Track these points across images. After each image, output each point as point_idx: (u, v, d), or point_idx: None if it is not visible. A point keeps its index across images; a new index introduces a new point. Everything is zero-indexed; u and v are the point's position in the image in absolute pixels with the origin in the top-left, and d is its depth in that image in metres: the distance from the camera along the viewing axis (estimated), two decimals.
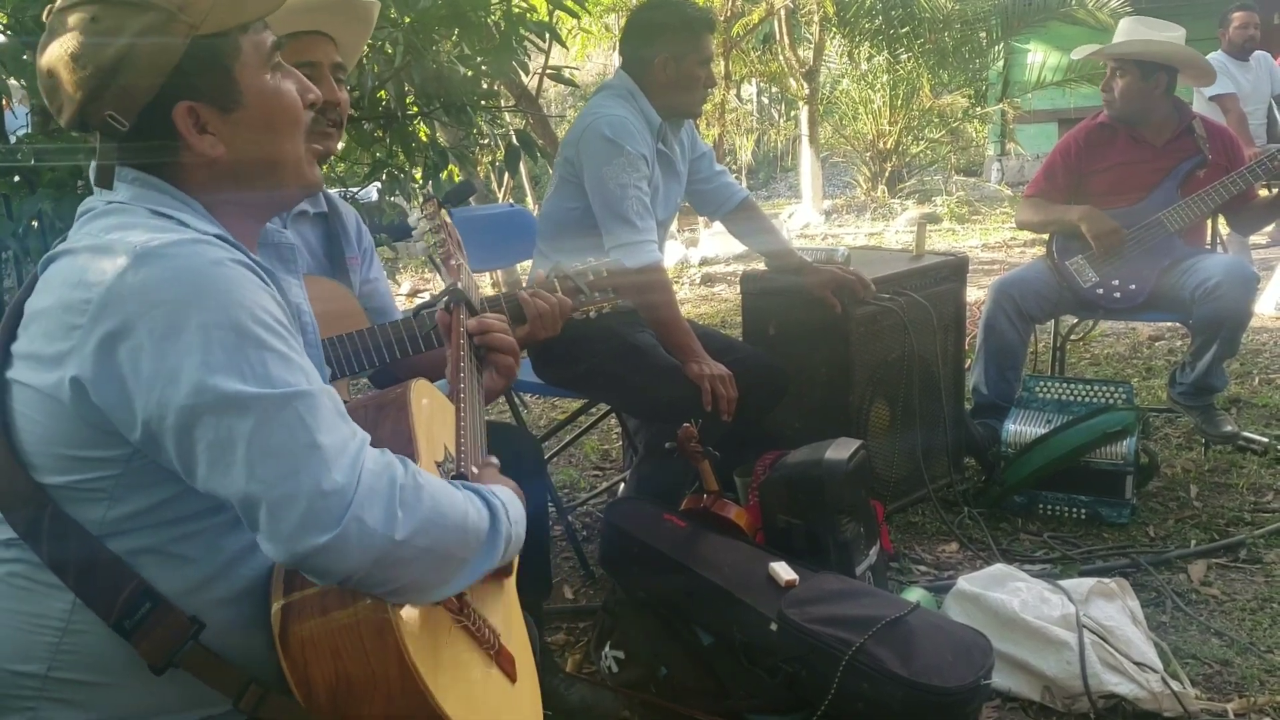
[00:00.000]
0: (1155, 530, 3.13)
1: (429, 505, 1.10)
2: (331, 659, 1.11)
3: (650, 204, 2.72)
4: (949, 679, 2.10)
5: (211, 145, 1.19)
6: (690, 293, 7.45)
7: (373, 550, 1.04)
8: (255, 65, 1.21)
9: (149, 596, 1.13)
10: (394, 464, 1.10)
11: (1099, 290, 3.58)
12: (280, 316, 1.12)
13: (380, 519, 1.04)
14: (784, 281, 3.18)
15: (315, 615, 1.11)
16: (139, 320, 1.05)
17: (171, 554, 1.15)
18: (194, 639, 1.14)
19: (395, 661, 1.10)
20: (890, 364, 3.25)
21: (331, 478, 1.03)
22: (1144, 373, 4.68)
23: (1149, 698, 2.21)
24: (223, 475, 1.05)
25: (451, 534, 1.12)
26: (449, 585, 1.15)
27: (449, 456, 1.39)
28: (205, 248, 1.11)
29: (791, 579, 2.33)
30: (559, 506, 3.04)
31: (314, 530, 1.02)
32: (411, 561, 1.07)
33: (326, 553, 1.02)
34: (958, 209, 10.75)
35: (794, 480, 2.60)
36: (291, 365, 1.09)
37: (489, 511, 1.20)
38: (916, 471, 3.33)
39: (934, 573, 2.95)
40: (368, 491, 1.05)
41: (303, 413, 1.05)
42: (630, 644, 2.40)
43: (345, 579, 1.06)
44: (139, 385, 1.05)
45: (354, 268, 2.23)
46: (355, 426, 1.11)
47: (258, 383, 1.05)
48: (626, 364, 2.73)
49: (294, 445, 1.04)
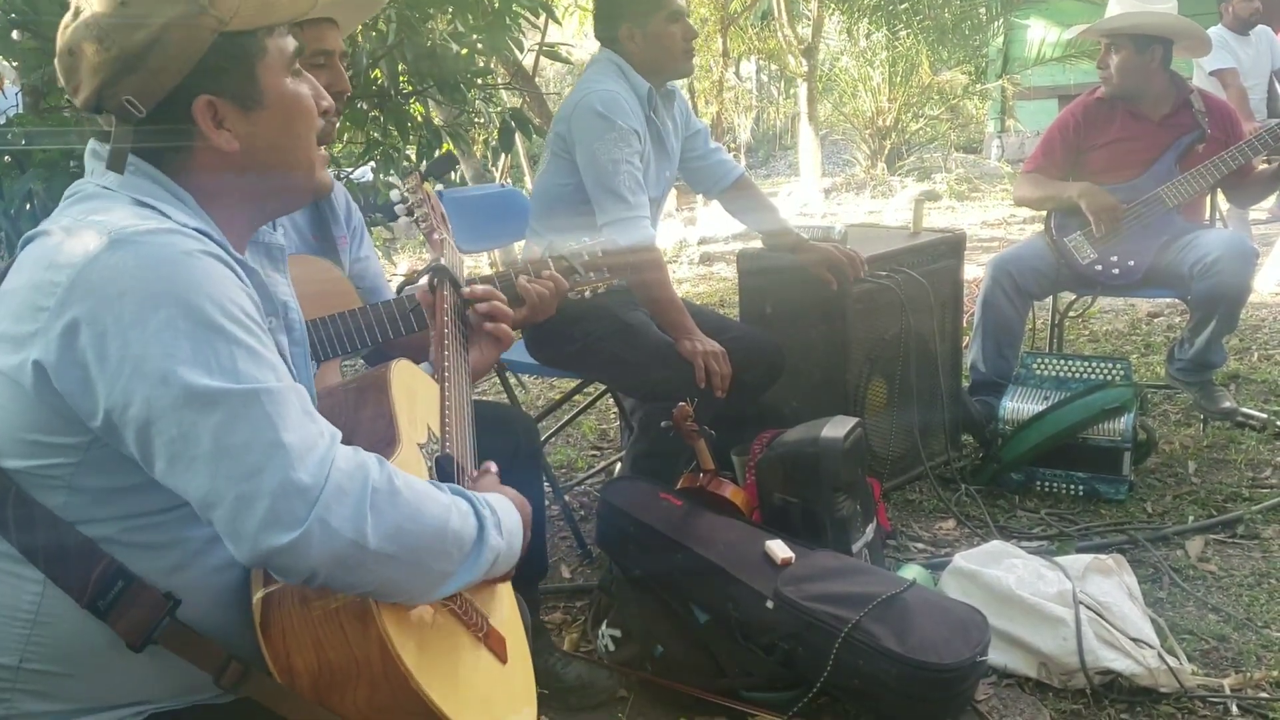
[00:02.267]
0: (1153, 507, 3.13)
1: (404, 511, 1.08)
2: (313, 648, 1.10)
3: (642, 180, 2.71)
4: (945, 656, 2.10)
5: (227, 141, 1.18)
6: (689, 271, 7.44)
7: (337, 552, 1.02)
8: (278, 67, 1.21)
9: (121, 575, 1.11)
10: (368, 465, 1.08)
11: (1097, 266, 3.56)
12: (251, 312, 1.10)
13: (347, 521, 1.03)
14: (781, 260, 3.16)
15: (296, 604, 1.11)
16: (105, 307, 1.03)
17: (137, 543, 1.13)
18: (171, 615, 1.12)
19: (377, 648, 1.10)
20: (887, 342, 3.24)
21: (297, 475, 1.01)
22: (1142, 349, 4.67)
23: (1145, 674, 2.21)
24: (184, 471, 1.03)
25: (427, 541, 1.10)
26: (426, 593, 1.13)
27: (432, 437, 1.38)
28: (179, 238, 1.09)
29: (787, 557, 2.33)
30: (555, 486, 3.04)
31: (276, 529, 1.00)
32: (380, 566, 1.06)
33: (289, 552, 1.01)
34: (957, 186, 10.73)
35: (790, 458, 2.59)
36: (259, 361, 1.07)
37: (476, 521, 1.17)
38: (914, 449, 3.33)
39: (931, 550, 2.95)
40: (336, 491, 1.03)
41: (268, 410, 1.04)
42: (627, 622, 2.40)
43: (309, 578, 1.04)
44: (102, 373, 1.04)
45: (344, 248, 2.22)
46: (325, 425, 1.09)
47: (223, 377, 1.03)
48: (620, 342, 2.72)
49: (258, 443, 1.02)
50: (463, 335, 1.58)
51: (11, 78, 3.29)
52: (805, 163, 11.58)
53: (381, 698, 1.11)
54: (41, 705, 1.14)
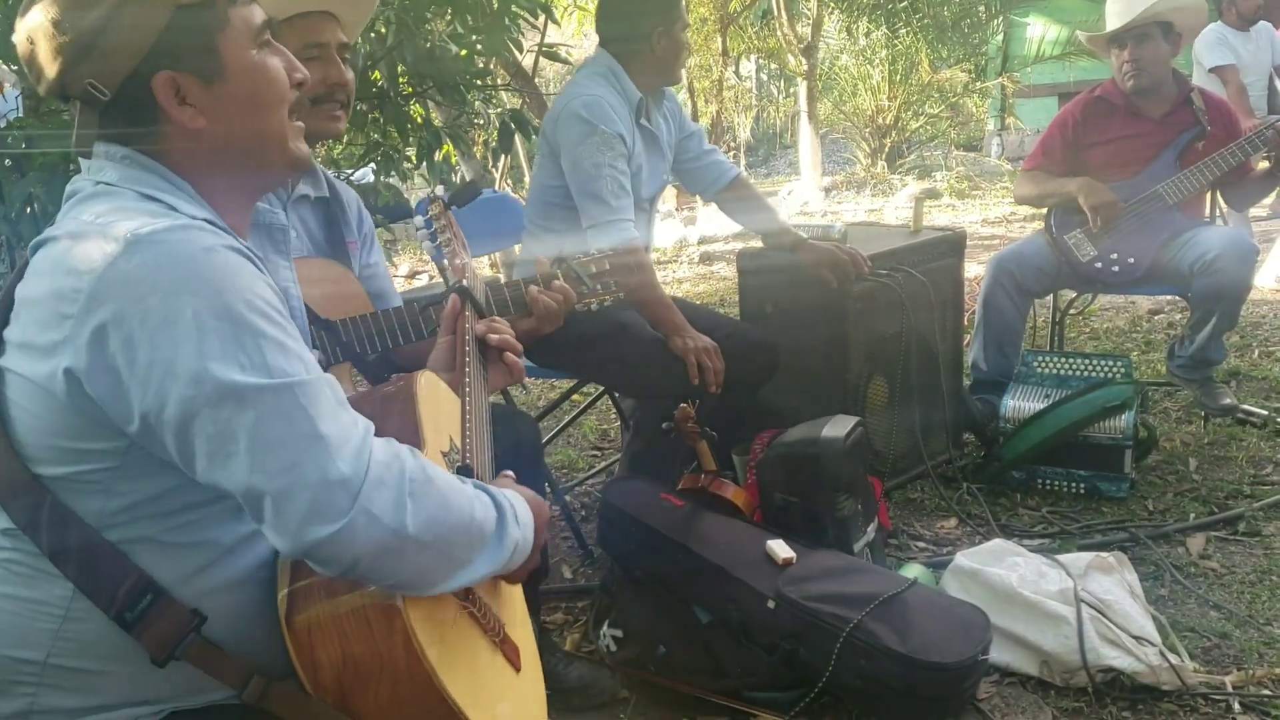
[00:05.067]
0: (1154, 504, 3.13)
1: (437, 499, 1.09)
2: (339, 642, 1.11)
3: (632, 182, 2.72)
4: (946, 655, 2.10)
5: (191, 117, 1.17)
6: (689, 271, 7.44)
7: (379, 541, 1.03)
8: (242, 39, 1.19)
9: (151, 589, 1.12)
10: (403, 454, 1.09)
11: (1097, 264, 3.56)
12: (275, 302, 1.10)
13: (389, 510, 1.04)
14: (780, 259, 3.17)
15: (322, 599, 1.11)
16: (131, 310, 1.03)
17: (168, 543, 1.14)
18: (196, 631, 1.13)
19: (402, 645, 1.10)
20: (888, 340, 3.24)
21: (337, 467, 1.02)
22: (1144, 346, 4.67)
23: (1147, 671, 2.21)
24: (223, 468, 1.04)
25: (457, 530, 1.11)
26: (450, 581, 1.13)
27: (454, 447, 1.39)
28: (197, 234, 1.09)
29: (789, 557, 2.33)
30: (554, 487, 3.04)
31: (321, 521, 1.01)
32: (417, 554, 1.07)
33: (334, 543, 1.01)
34: (958, 184, 10.72)
35: (791, 458, 2.60)
36: (289, 354, 1.07)
37: (496, 512, 1.19)
38: (915, 448, 3.33)
39: (933, 549, 2.95)
40: (376, 482, 1.04)
41: (304, 402, 1.04)
42: (628, 623, 2.40)
43: (350, 569, 1.05)
44: (134, 377, 1.04)
45: (354, 252, 2.22)
46: (357, 415, 1.10)
47: (256, 372, 1.03)
48: (613, 342, 2.72)
49: (296, 436, 1.03)
50: (480, 354, 1.59)
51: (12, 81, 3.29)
52: (805, 161, 11.57)
53: (404, 694, 1.11)
54: (65, 700, 1.14)
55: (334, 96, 1.99)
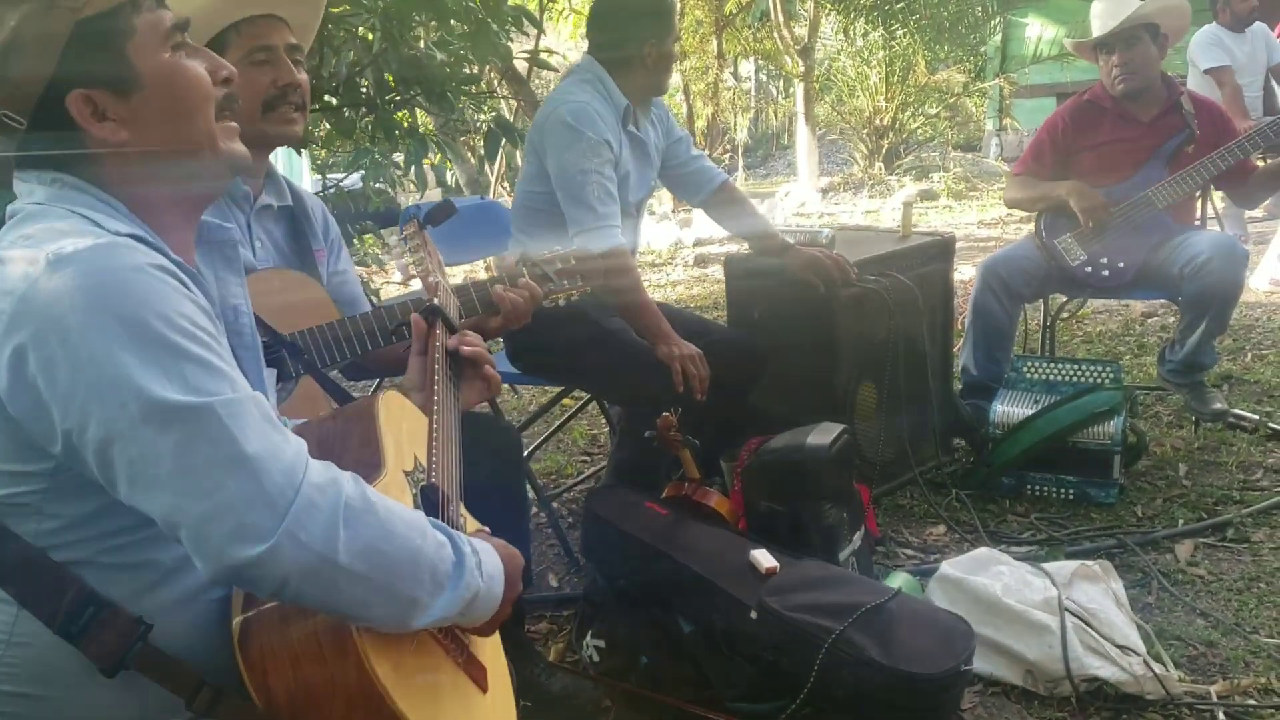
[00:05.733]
0: (1143, 510, 3.12)
1: (377, 530, 1.06)
2: (291, 666, 1.10)
3: (619, 188, 2.71)
4: (929, 665, 2.09)
5: (113, 131, 1.14)
6: (683, 274, 7.44)
7: (306, 566, 1.01)
8: (152, 45, 1.15)
9: (92, 600, 1.11)
10: (340, 480, 1.06)
11: (1087, 269, 3.55)
12: (201, 322, 1.08)
13: (319, 536, 1.01)
14: (768, 265, 3.16)
15: (276, 625, 1.11)
16: (51, 330, 1.01)
17: (108, 564, 1.13)
18: (143, 640, 1.11)
19: (355, 669, 1.09)
20: (877, 346, 3.22)
21: (262, 488, 1.00)
22: (1136, 350, 4.65)
23: (1131, 681, 2.20)
24: (145, 491, 1.02)
25: (400, 565, 1.08)
26: (399, 621, 1.10)
27: (419, 466, 1.38)
28: (122, 251, 1.06)
29: (772, 566, 2.32)
30: (540, 495, 3.03)
31: (244, 543, 0.99)
32: (350, 584, 1.04)
33: (259, 565, 0.99)
34: (955, 185, 10.70)
35: (776, 466, 2.59)
36: (214, 373, 1.05)
37: (454, 555, 1.14)
38: (904, 454, 3.31)
39: (920, 556, 2.94)
40: (306, 504, 1.01)
41: (227, 422, 1.02)
42: (611, 633, 2.39)
43: (278, 592, 1.03)
44: (55, 398, 1.02)
45: (321, 260, 2.22)
46: (289, 435, 1.08)
47: (178, 392, 1.01)
48: (597, 349, 2.72)
49: (219, 457, 1.00)
50: (453, 372, 1.58)
51: None
52: (802, 162, 11.57)
53: (357, 717, 1.10)
54: None
55: (287, 98, 1.98)
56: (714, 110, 10.96)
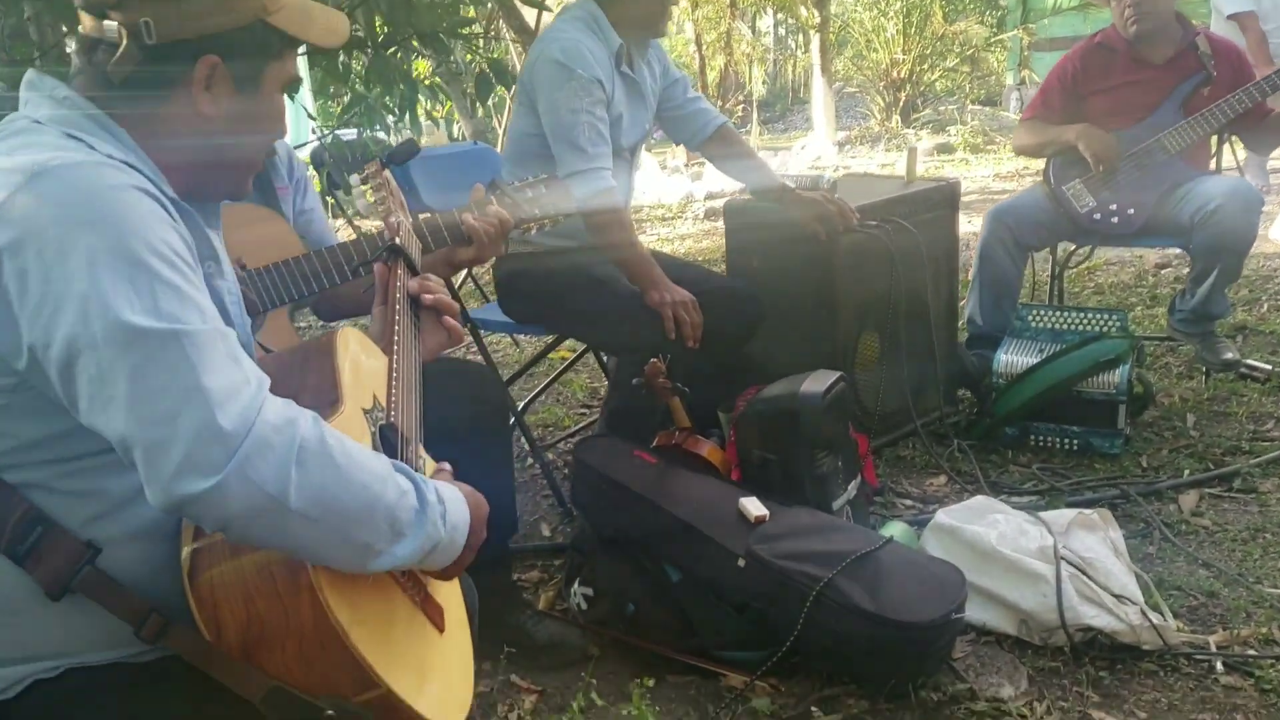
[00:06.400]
0: (1148, 461, 3.06)
1: (333, 474, 1.03)
2: (243, 601, 1.07)
3: (611, 130, 2.64)
4: (918, 614, 2.05)
5: (208, 102, 1.19)
6: (692, 227, 7.36)
7: (254, 505, 0.98)
8: (278, 79, 1.26)
9: (40, 521, 1.10)
10: (299, 420, 1.03)
11: (1096, 215, 3.47)
12: (180, 250, 1.07)
13: (269, 476, 0.98)
14: (767, 212, 3.09)
15: (227, 558, 1.08)
16: (28, 241, 1.01)
17: (59, 490, 1.11)
18: (90, 563, 1.10)
19: (309, 604, 1.06)
20: (878, 295, 3.16)
21: (216, 422, 0.97)
22: (1148, 301, 4.56)
23: (1127, 630, 2.15)
24: (102, 412, 1.00)
25: (355, 511, 1.04)
26: (350, 565, 1.07)
27: (377, 405, 1.34)
28: (106, 170, 1.06)
29: (761, 515, 2.28)
30: (533, 445, 2.99)
31: (192, 476, 0.96)
32: (302, 527, 1.01)
33: (204, 501, 0.97)
34: (972, 139, 10.54)
35: (768, 414, 2.54)
36: (185, 300, 1.03)
37: (416, 503, 1.11)
38: (905, 405, 3.26)
39: (919, 506, 2.89)
40: (259, 443, 0.98)
41: (190, 351, 1.00)
42: (598, 581, 2.36)
43: (223, 528, 1.01)
44: (25, 309, 1.01)
45: (285, 198, 2.19)
46: (253, 372, 1.05)
47: (146, 315, 1.00)
48: (588, 296, 2.67)
49: (176, 386, 0.98)
50: (414, 314, 1.54)
51: None
52: (819, 116, 11.41)
53: (311, 653, 1.07)
54: None
55: None
56: (727, 61, 10.79)
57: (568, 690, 2.16)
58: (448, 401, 2.20)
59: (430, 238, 1.90)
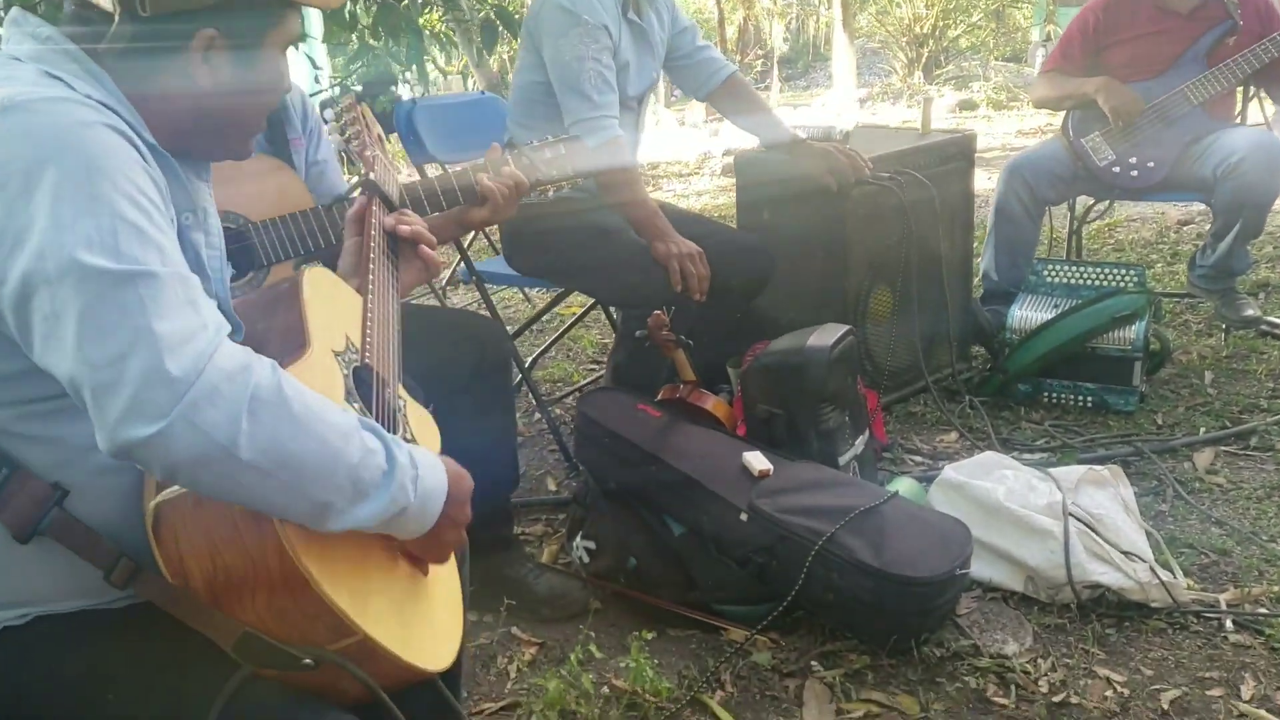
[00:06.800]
0: (1164, 418, 3.01)
1: (289, 426, 0.99)
2: (208, 551, 1.04)
3: (618, 79, 2.59)
4: (921, 569, 2.02)
5: (205, 75, 1.17)
6: (709, 183, 7.30)
7: (202, 454, 0.95)
8: (280, 41, 1.23)
9: (6, 462, 1.08)
10: (253, 367, 0.99)
11: (1115, 169, 3.40)
12: (148, 191, 1.04)
13: (218, 424, 0.95)
14: (778, 163, 3.04)
15: (190, 511, 1.05)
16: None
17: (19, 434, 1.09)
18: (58, 505, 1.08)
19: (276, 555, 1.03)
20: (892, 248, 3.11)
21: (164, 367, 0.94)
22: (1169, 258, 4.48)
23: (1135, 588, 2.12)
24: (54, 352, 0.97)
25: (313, 466, 1.00)
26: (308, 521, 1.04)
27: (351, 347, 1.31)
28: (77, 107, 1.03)
29: (765, 469, 2.25)
30: (539, 399, 2.97)
31: (137, 421, 0.93)
32: (255, 480, 0.98)
33: (149, 446, 0.94)
34: (995, 95, 10.39)
35: (774, 368, 2.50)
36: (146, 242, 1.00)
37: (385, 463, 1.07)
38: (917, 360, 3.21)
39: (929, 463, 2.86)
40: (208, 390, 0.95)
41: (143, 294, 0.97)
42: (600, 535, 2.34)
43: (169, 475, 0.98)
44: None
45: (298, 150, 2.14)
46: (211, 318, 1.02)
47: (103, 255, 0.97)
48: (593, 248, 2.63)
49: (126, 327, 0.95)
50: (391, 251, 1.50)
51: None
52: (840, 72, 11.27)
53: (282, 602, 1.05)
54: None
55: None
56: (746, 15, 10.65)
57: (568, 643, 2.15)
58: (449, 351, 2.18)
59: (443, 197, 1.85)
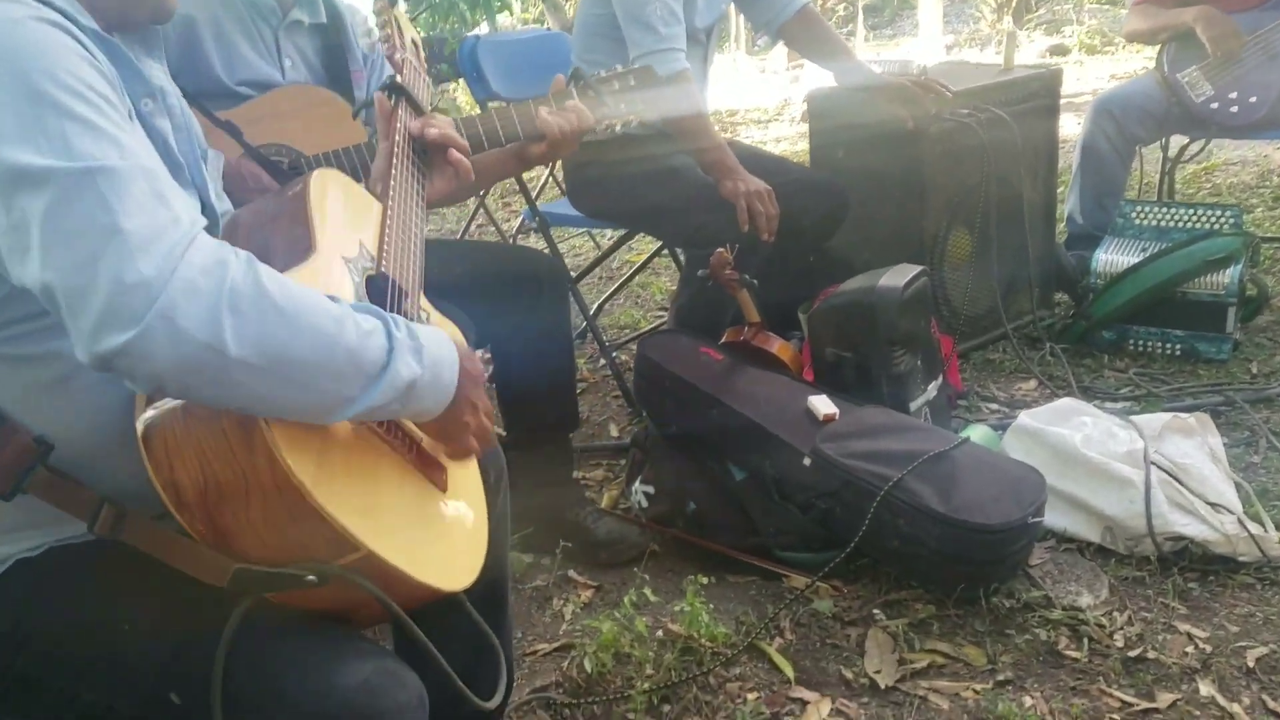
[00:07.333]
0: (1259, 367, 2.85)
1: (276, 317, 0.94)
2: (198, 462, 1.00)
3: (685, 11, 2.50)
4: (992, 516, 1.94)
5: None
6: (789, 129, 7.16)
7: (187, 357, 0.90)
8: None
9: None
10: (230, 261, 0.94)
11: (1214, 104, 3.21)
12: (95, 84, 0.98)
13: (198, 322, 0.90)
14: (853, 99, 2.93)
15: (179, 421, 1.00)
16: None
17: (6, 355, 1.06)
18: (42, 461, 1.05)
19: (267, 463, 0.98)
20: (971, 189, 2.98)
21: (135, 268, 0.89)
22: (1270, 202, 4.25)
23: (1222, 540, 2.01)
24: (21, 264, 0.93)
25: (310, 355, 0.96)
26: (321, 415, 1.00)
27: (364, 253, 1.25)
28: (4, 4, 0.98)
29: (830, 413, 2.18)
30: (602, 344, 2.92)
31: (113, 328, 0.89)
32: (246, 379, 0.93)
33: (128, 354, 0.89)
34: (1089, 40, 10.00)
35: (844, 309, 2.42)
36: (100, 136, 0.95)
37: (385, 342, 1.02)
38: (996, 306, 3.09)
39: (1005, 411, 2.75)
40: (185, 287, 0.90)
41: (105, 191, 0.91)
42: (659, 479, 2.30)
43: (154, 384, 0.93)
44: None
45: (359, 83, 2.10)
46: (184, 211, 0.96)
47: (54, 155, 0.92)
48: (659, 187, 2.55)
49: (92, 229, 0.90)
50: (418, 158, 1.45)
51: None
52: (927, 18, 10.95)
53: (277, 514, 1.00)
54: None
55: None
56: None
57: (624, 587, 2.11)
58: (506, 287, 2.14)
59: (501, 131, 1.77)
